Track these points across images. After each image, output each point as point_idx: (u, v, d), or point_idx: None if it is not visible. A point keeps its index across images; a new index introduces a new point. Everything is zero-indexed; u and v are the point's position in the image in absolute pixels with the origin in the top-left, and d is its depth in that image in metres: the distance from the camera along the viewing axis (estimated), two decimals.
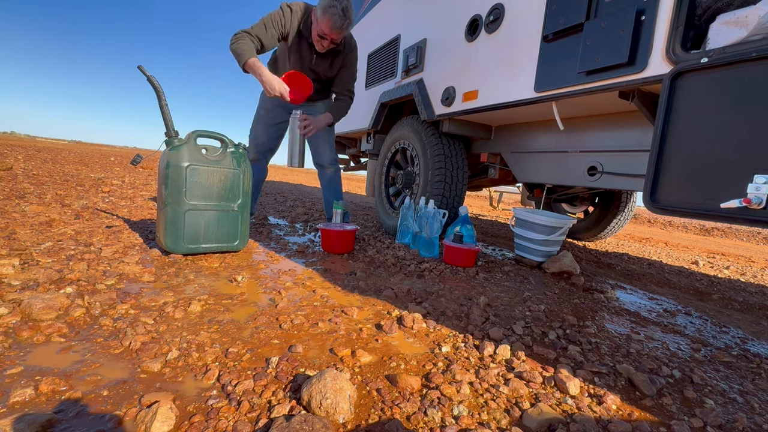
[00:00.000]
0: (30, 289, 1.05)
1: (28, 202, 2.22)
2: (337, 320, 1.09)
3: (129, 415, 0.63)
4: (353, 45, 2.13)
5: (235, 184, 1.64)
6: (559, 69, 1.40)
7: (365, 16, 3.13)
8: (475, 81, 1.87)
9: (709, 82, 0.94)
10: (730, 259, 3.65)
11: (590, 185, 1.78)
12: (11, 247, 1.38)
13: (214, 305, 1.11)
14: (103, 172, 4.93)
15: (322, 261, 1.74)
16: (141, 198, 3.00)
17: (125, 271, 1.29)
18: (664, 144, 1.01)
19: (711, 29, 0.97)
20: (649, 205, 1.03)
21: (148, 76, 1.49)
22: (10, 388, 0.66)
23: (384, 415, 0.70)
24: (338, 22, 1.79)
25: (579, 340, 1.13)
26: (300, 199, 4.57)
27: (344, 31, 1.87)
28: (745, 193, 0.84)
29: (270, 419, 0.66)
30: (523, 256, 2.17)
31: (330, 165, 2.41)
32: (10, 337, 0.82)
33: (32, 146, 10.59)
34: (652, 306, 1.67)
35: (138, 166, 6.04)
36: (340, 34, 1.86)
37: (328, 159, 2.38)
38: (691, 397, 0.89)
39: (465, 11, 1.93)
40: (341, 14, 1.78)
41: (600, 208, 3.14)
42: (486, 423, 0.71)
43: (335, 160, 2.45)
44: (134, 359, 0.80)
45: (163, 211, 1.49)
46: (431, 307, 1.27)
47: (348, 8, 1.80)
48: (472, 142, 2.50)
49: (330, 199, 2.45)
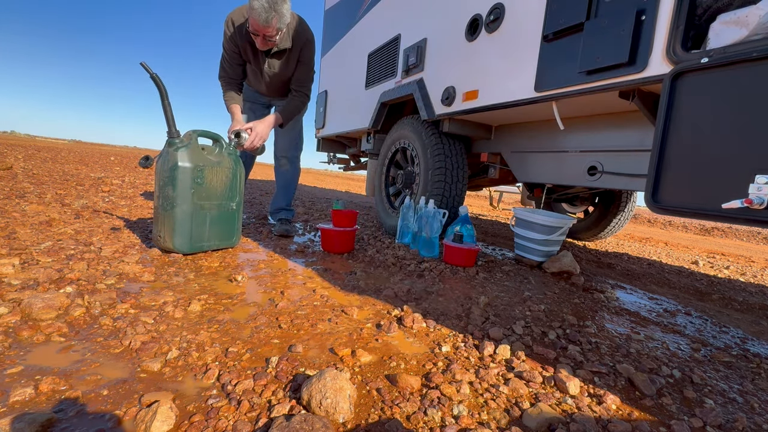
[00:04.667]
0: (30, 289, 1.05)
1: (28, 202, 2.22)
2: (337, 320, 1.09)
3: (129, 414, 0.63)
4: (308, 39, 1.99)
5: (234, 184, 1.66)
6: (560, 69, 1.40)
7: (365, 16, 3.13)
8: (475, 81, 1.86)
9: (710, 82, 0.94)
10: (730, 259, 3.65)
11: (590, 185, 1.78)
12: (11, 247, 1.38)
13: (214, 305, 1.11)
14: (103, 171, 4.93)
15: (322, 261, 1.74)
16: (141, 198, 3.00)
17: (125, 270, 1.29)
18: (665, 144, 1.01)
19: (711, 29, 0.97)
20: (651, 206, 1.03)
21: (152, 73, 1.47)
22: (10, 388, 0.66)
23: (384, 414, 0.70)
24: (263, 15, 1.65)
25: (579, 339, 1.13)
26: (300, 199, 4.57)
27: (273, 26, 1.72)
28: (746, 194, 0.84)
29: (270, 419, 0.66)
30: (523, 256, 2.17)
31: (283, 158, 2.35)
32: (10, 337, 0.82)
33: (32, 146, 10.59)
34: (652, 306, 1.67)
35: (146, 168, 6.04)
36: (268, 28, 1.72)
37: (281, 150, 2.33)
38: (691, 397, 0.89)
39: (465, 11, 1.93)
40: (265, 7, 1.64)
41: (600, 208, 3.14)
42: (486, 423, 0.71)
43: (294, 156, 2.37)
44: (134, 359, 0.80)
45: (170, 212, 1.49)
46: (431, 307, 1.27)
47: (274, 0, 1.65)
48: (472, 141, 2.50)
49: (279, 197, 2.39)
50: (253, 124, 1.88)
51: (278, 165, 2.41)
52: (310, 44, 2.01)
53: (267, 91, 2.24)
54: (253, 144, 1.87)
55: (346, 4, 3.53)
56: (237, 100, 2.00)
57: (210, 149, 1.61)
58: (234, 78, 2.01)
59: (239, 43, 1.93)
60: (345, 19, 3.52)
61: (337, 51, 3.66)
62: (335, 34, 3.68)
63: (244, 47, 1.94)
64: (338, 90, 3.62)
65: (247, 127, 1.85)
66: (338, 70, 3.65)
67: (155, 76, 1.48)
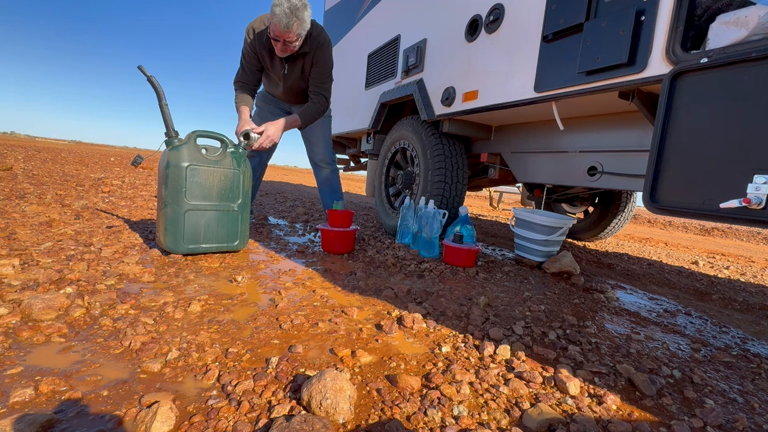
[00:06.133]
0: (30, 290, 1.05)
1: (28, 202, 2.22)
2: (337, 320, 1.09)
3: (129, 415, 0.63)
4: (322, 41, 1.99)
5: (235, 184, 1.64)
6: (559, 69, 1.40)
7: (365, 16, 3.13)
8: (475, 81, 1.87)
9: (709, 82, 0.94)
10: (730, 259, 3.65)
11: (590, 185, 1.78)
12: (11, 247, 1.38)
13: (214, 305, 1.11)
14: (103, 172, 4.93)
15: (322, 261, 1.74)
16: (141, 198, 3.00)
17: (125, 271, 1.29)
18: (663, 144, 1.01)
19: (711, 29, 0.97)
20: (649, 206, 1.03)
21: (149, 76, 1.50)
22: (10, 388, 0.66)
23: (384, 415, 0.70)
24: (284, 20, 1.69)
25: (579, 340, 1.13)
26: (300, 199, 4.57)
27: (294, 31, 1.76)
28: (744, 193, 0.84)
29: (270, 419, 0.66)
30: (523, 256, 2.17)
31: (325, 164, 2.38)
32: (10, 337, 0.82)
33: (32, 146, 10.59)
34: (652, 306, 1.67)
35: (138, 166, 6.05)
36: (289, 33, 1.75)
37: (320, 156, 2.36)
38: (691, 397, 0.89)
39: (465, 11, 1.93)
40: (287, 12, 1.67)
41: (600, 208, 3.14)
42: (486, 423, 0.71)
43: (332, 160, 2.41)
44: (134, 359, 0.80)
45: (163, 211, 1.49)
46: (431, 307, 1.27)
47: (295, 6, 1.68)
48: (472, 142, 2.50)
49: (328, 199, 2.44)
50: (265, 126, 1.90)
51: (318, 172, 2.43)
52: (324, 45, 2.02)
53: (285, 97, 2.27)
54: (262, 145, 1.89)
55: (346, 5, 3.53)
56: (247, 102, 2.02)
57: (213, 150, 1.60)
58: (248, 83, 2.04)
59: (258, 49, 1.97)
60: (345, 19, 3.52)
61: (337, 51, 3.66)
62: (335, 35, 3.69)
63: (262, 53, 1.98)
64: (338, 91, 3.61)
65: (258, 130, 1.87)
66: (338, 70, 3.65)
67: (152, 79, 1.50)
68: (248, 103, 2.02)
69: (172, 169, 1.47)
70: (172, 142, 1.51)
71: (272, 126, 1.92)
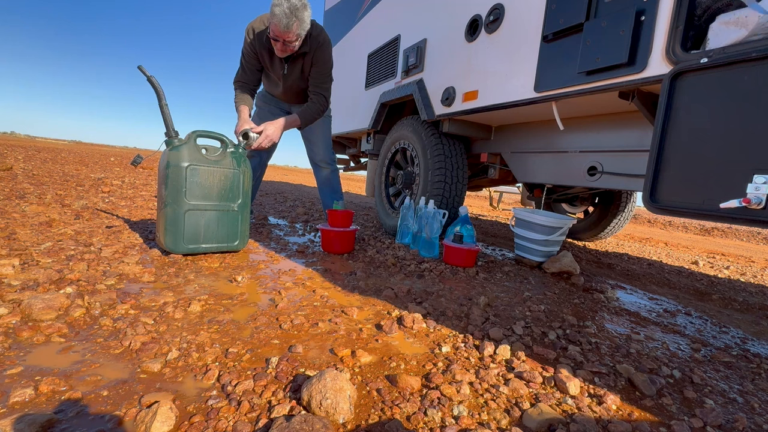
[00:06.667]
0: (30, 290, 1.05)
1: (28, 202, 2.22)
2: (337, 320, 1.09)
3: (129, 415, 0.63)
4: (322, 41, 1.99)
5: (235, 184, 1.64)
6: (559, 69, 1.40)
7: (365, 16, 3.13)
8: (475, 81, 1.87)
9: (709, 82, 0.94)
10: (730, 259, 3.65)
11: (590, 185, 1.78)
12: (11, 247, 1.38)
13: (214, 305, 1.11)
14: (103, 172, 4.93)
15: (322, 261, 1.74)
16: (141, 198, 3.00)
17: (125, 271, 1.29)
18: (663, 144, 1.01)
19: (711, 29, 0.97)
20: (649, 205, 1.03)
21: (148, 76, 1.50)
22: (10, 388, 0.66)
23: (384, 415, 0.70)
24: (283, 20, 1.69)
25: (579, 340, 1.13)
26: (300, 199, 4.57)
27: (294, 31, 1.76)
28: (744, 193, 0.84)
29: (270, 419, 0.66)
30: (523, 256, 2.17)
31: (325, 164, 2.38)
32: (10, 337, 0.82)
33: (32, 146, 10.59)
34: (652, 306, 1.67)
35: (138, 166, 6.04)
36: (289, 34, 1.75)
37: (320, 156, 2.36)
38: (691, 397, 0.89)
39: (465, 11, 1.93)
40: (286, 12, 1.68)
41: (600, 208, 3.14)
42: (486, 423, 0.71)
43: (332, 160, 2.41)
44: (134, 359, 0.80)
45: (163, 211, 1.49)
46: (431, 307, 1.27)
47: (295, 6, 1.69)
48: (472, 142, 2.50)
49: (328, 199, 2.44)
50: (264, 125, 1.90)
51: (318, 172, 2.43)
52: (324, 45, 2.02)
53: (285, 97, 2.27)
54: (261, 145, 1.89)
55: (346, 5, 3.53)
56: (247, 102, 2.02)
57: (213, 150, 1.60)
58: (248, 83, 2.05)
59: (258, 49, 1.97)
60: (345, 19, 3.52)
61: (337, 51, 3.66)
62: (335, 35, 3.69)
63: (261, 53, 1.98)
64: (338, 91, 3.61)
65: (257, 129, 1.86)
66: (338, 70, 3.65)
67: (152, 79, 1.50)
68: (248, 103, 2.03)
69: (172, 169, 1.47)
70: (172, 142, 1.51)
71: (271, 126, 1.91)
